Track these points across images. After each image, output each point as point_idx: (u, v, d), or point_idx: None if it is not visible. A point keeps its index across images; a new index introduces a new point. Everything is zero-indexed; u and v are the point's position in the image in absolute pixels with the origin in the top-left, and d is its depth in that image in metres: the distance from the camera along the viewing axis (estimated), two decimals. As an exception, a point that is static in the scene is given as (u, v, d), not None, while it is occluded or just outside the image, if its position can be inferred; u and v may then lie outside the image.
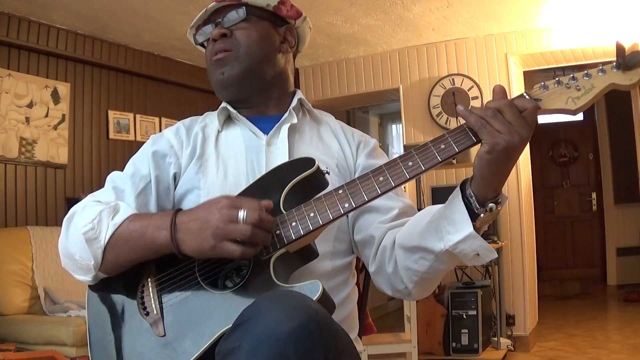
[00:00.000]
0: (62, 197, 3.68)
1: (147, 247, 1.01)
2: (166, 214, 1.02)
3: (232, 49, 1.21)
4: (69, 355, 2.67)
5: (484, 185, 0.95)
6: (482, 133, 0.91)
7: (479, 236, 0.96)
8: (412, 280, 1.09)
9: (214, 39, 1.22)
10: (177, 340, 0.96)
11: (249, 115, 1.26)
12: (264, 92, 1.26)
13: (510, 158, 0.92)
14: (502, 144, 0.89)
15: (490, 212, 0.95)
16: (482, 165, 0.93)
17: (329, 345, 0.80)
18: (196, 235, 0.95)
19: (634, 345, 3.93)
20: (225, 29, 1.22)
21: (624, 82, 0.91)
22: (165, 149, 1.21)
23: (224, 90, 1.24)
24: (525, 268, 4.16)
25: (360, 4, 3.61)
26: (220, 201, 0.96)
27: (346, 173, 1.23)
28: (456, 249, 0.98)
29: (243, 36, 1.22)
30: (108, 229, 1.03)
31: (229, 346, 0.81)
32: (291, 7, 1.29)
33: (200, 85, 4.70)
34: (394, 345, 3.11)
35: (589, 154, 7.00)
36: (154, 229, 0.99)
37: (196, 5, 3.42)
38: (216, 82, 1.24)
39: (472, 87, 4.33)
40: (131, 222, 1.03)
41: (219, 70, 1.22)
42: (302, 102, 1.29)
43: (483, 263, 1.09)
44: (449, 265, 1.06)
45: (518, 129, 0.89)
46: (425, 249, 1.03)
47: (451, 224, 0.98)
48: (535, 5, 3.73)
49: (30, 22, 3.47)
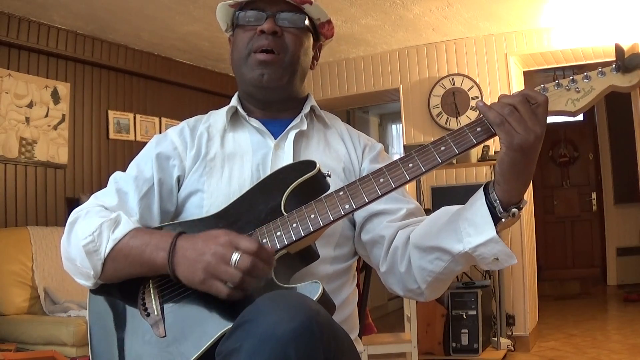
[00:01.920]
0: (62, 197, 3.69)
1: (145, 265, 1.01)
2: (168, 234, 1.02)
3: (280, 53, 1.17)
4: (69, 355, 2.67)
5: (508, 189, 0.94)
6: (499, 131, 0.90)
7: (501, 241, 0.95)
8: (425, 280, 1.08)
9: (264, 31, 1.16)
10: (178, 341, 0.96)
11: (261, 117, 1.25)
12: (285, 100, 1.25)
13: (528, 158, 0.91)
14: (518, 142, 0.89)
15: (513, 217, 0.96)
16: (503, 169, 0.92)
17: (329, 346, 0.80)
18: (189, 265, 0.94)
19: (634, 345, 3.93)
20: (277, 26, 1.18)
21: (624, 84, 0.91)
22: (169, 151, 1.20)
23: (256, 89, 1.22)
24: (525, 268, 4.16)
25: (360, 4, 3.61)
26: (219, 236, 0.93)
27: (352, 176, 1.23)
28: (475, 252, 0.97)
29: (292, 42, 1.19)
30: (108, 243, 1.03)
31: (230, 347, 0.81)
32: (332, 28, 1.28)
33: (201, 85, 4.71)
34: (394, 345, 3.11)
35: (589, 154, 7.00)
36: (153, 248, 1.00)
37: (196, 5, 3.43)
38: (251, 79, 1.19)
39: (472, 87, 4.33)
40: (131, 238, 1.03)
41: (259, 70, 1.18)
42: (313, 109, 1.28)
43: (500, 268, 1.08)
44: (464, 267, 1.06)
45: (532, 127, 0.89)
46: (442, 250, 1.02)
47: (472, 226, 0.97)
48: (535, 5, 3.73)
49: (30, 22, 3.47)
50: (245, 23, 1.20)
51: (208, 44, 4.17)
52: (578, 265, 6.98)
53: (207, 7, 3.39)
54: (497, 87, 4.28)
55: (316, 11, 1.22)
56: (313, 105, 1.28)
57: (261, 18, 1.18)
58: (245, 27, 1.20)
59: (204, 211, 1.14)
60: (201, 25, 3.77)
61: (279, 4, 1.18)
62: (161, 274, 1.01)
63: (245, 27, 1.20)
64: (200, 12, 3.52)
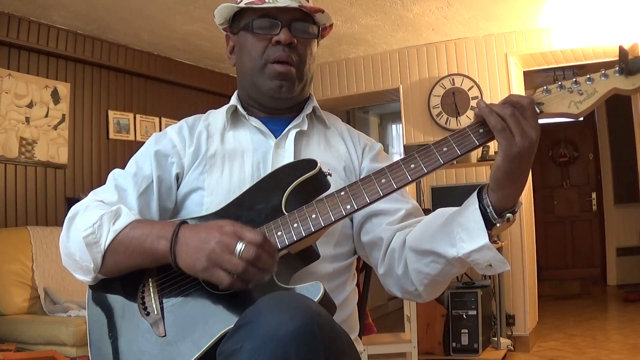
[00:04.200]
0: (62, 197, 3.68)
1: (146, 255, 1.01)
2: (169, 223, 1.01)
3: (294, 63, 1.18)
4: (69, 355, 2.67)
5: (502, 195, 0.94)
6: (499, 139, 0.90)
7: (493, 248, 0.95)
8: (422, 282, 1.08)
9: (281, 42, 1.16)
10: (178, 341, 0.96)
11: (261, 116, 1.25)
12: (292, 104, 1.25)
13: (523, 163, 0.91)
14: (516, 149, 0.89)
15: (507, 222, 0.95)
16: (498, 175, 0.92)
17: (330, 347, 0.80)
18: (192, 253, 0.94)
19: (634, 345, 3.93)
20: (293, 36, 1.17)
21: (627, 86, 0.91)
22: (167, 149, 1.20)
23: (271, 100, 1.22)
24: (525, 268, 4.16)
25: (360, 4, 3.61)
26: (224, 226, 0.93)
27: (352, 176, 1.23)
28: (469, 258, 0.97)
29: (305, 52, 1.20)
30: (108, 234, 1.03)
31: (231, 347, 0.81)
32: (330, 29, 1.29)
33: (201, 85, 4.71)
34: (394, 345, 3.11)
35: (589, 154, 7.00)
36: (154, 237, 0.99)
37: (196, 5, 3.43)
38: (269, 90, 1.19)
39: (472, 87, 4.33)
40: (132, 229, 1.03)
41: (277, 82, 1.17)
42: (314, 109, 1.28)
43: (494, 273, 1.08)
44: (460, 270, 1.06)
45: (527, 130, 0.89)
46: (436, 254, 1.02)
47: (465, 231, 0.97)
48: (535, 5, 3.72)
49: (30, 22, 3.47)
50: (258, 31, 1.18)
51: (208, 44, 4.17)
52: (578, 265, 6.98)
53: (207, 7, 3.38)
54: (497, 87, 4.28)
55: (325, 18, 1.22)
56: (315, 105, 1.28)
57: (276, 27, 1.17)
58: (259, 35, 1.18)
59: (204, 209, 1.14)
60: (201, 25, 3.77)
61: (293, 11, 1.17)
62: (162, 263, 1.00)
63: (259, 35, 1.18)
64: (200, 12, 3.52)
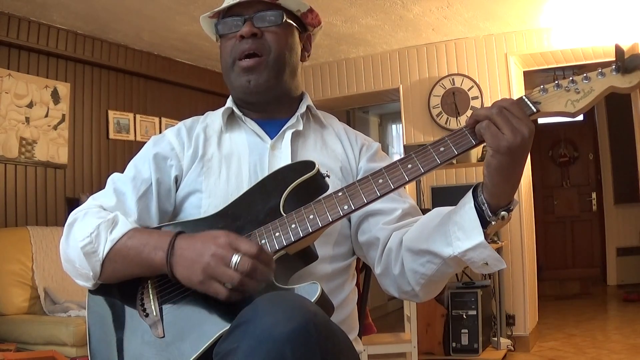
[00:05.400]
0: (62, 197, 3.69)
1: (143, 265, 1.01)
2: (166, 234, 1.02)
3: (262, 54, 1.17)
4: (69, 355, 2.67)
5: (496, 193, 0.94)
6: (485, 135, 0.90)
7: (489, 246, 0.95)
8: (419, 282, 1.08)
9: (243, 36, 1.16)
10: (176, 342, 0.96)
11: (257, 118, 1.25)
12: (280, 99, 1.24)
13: (516, 160, 0.91)
14: (505, 144, 0.88)
15: (502, 220, 0.95)
16: (491, 172, 0.92)
17: (326, 347, 0.80)
18: (188, 265, 0.94)
19: (634, 345, 3.93)
20: (256, 27, 1.17)
21: (623, 84, 0.91)
22: (166, 151, 1.20)
23: (246, 95, 1.22)
24: (525, 268, 4.16)
25: (360, 4, 3.61)
26: (219, 237, 0.93)
27: (349, 176, 1.23)
28: (465, 256, 0.97)
29: (274, 41, 1.18)
30: (106, 243, 1.03)
31: (227, 347, 0.81)
32: (315, 16, 1.28)
33: (200, 85, 4.71)
34: (394, 345, 3.11)
35: (589, 154, 7.00)
36: (151, 248, 0.99)
37: (196, 5, 3.43)
38: (239, 86, 1.20)
39: (472, 87, 4.33)
40: (129, 238, 1.03)
41: (245, 77, 1.18)
42: (309, 108, 1.28)
43: (490, 272, 1.08)
44: (456, 270, 1.06)
45: (518, 127, 0.88)
46: (432, 253, 1.02)
47: (461, 230, 0.97)
48: (535, 5, 3.72)
49: (30, 22, 3.47)
50: (226, 32, 1.21)
51: (208, 44, 4.17)
52: (578, 265, 6.98)
53: (207, 7, 3.35)
54: (497, 87, 4.28)
55: (293, 3, 1.21)
56: (309, 104, 1.28)
57: (239, 23, 1.18)
58: (227, 35, 1.21)
59: (202, 211, 1.14)
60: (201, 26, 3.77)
61: (254, 5, 1.18)
62: (160, 274, 1.01)
63: (227, 36, 1.21)
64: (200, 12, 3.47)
